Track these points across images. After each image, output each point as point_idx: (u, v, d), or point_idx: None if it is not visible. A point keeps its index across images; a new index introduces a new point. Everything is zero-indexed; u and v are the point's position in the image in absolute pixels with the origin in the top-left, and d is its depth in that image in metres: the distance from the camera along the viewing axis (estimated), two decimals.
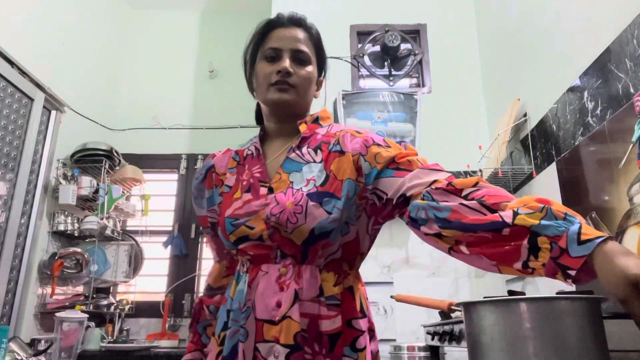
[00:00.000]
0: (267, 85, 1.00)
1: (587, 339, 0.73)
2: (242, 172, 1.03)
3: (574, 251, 0.68)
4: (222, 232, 0.99)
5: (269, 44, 1.02)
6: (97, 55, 3.40)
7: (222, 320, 0.98)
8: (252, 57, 1.07)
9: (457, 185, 0.83)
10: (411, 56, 3.02)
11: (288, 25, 1.04)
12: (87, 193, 2.83)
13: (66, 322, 2.03)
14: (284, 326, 0.87)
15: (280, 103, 1.00)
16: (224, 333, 0.95)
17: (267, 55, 1.02)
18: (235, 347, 0.91)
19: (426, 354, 1.85)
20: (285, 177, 0.98)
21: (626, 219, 1.48)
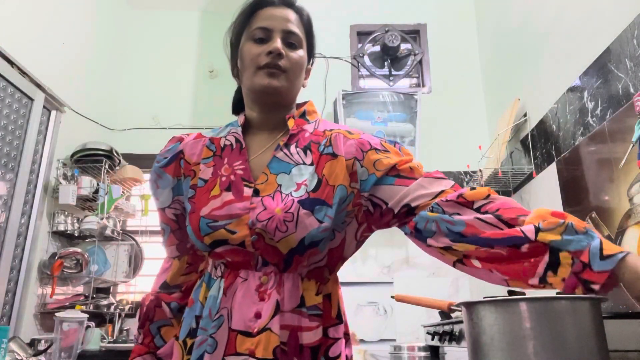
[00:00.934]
0: (255, 69, 0.89)
1: (587, 339, 0.73)
2: (220, 165, 0.92)
3: (598, 265, 0.68)
4: (195, 232, 0.87)
5: (258, 24, 0.91)
6: (97, 55, 3.40)
7: (188, 324, 0.89)
8: (236, 38, 0.96)
9: (469, 198, 0.81)
10: (411, 56, 3.02)
11: (278, 4, 0.94)
12: (87, 193, 2.83)
13: (66, 322, 2.03)
14: (262, 339, 0.80)
15: (269, 89, 0.89)
16: (191, 340, 0.86)
17: (255, 36, 0.91)
18: (201, 358, 0.82)
19: (426, 354, 1.85)
20: (273, 179, 0.89)
21: (626, 219, 1.48)
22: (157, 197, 0.97)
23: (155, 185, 0.97)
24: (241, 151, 0.93)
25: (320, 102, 2.84)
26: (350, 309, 2.49)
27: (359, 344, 2.45)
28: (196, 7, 3.96)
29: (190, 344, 0.87)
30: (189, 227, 0.88)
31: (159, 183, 0.96)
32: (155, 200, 0.98)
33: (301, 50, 0.94)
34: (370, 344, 2.44)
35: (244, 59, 0.92)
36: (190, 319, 0.89)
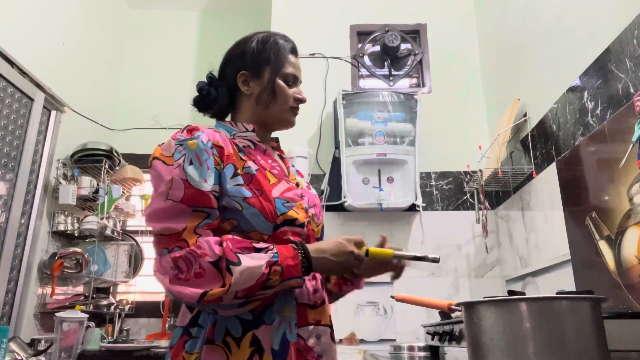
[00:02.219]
0: (287, 107, 1.10)
1: (587, 339, 0.73)
2: (256, 160, 1.03)
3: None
4: (269, 212, 0.95)
5: (290, 70, 1.10)
6: (97, 55, 3.39)
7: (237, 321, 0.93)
8: (260, 66, 1.09)
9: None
10: (411, 56, 3.02)
11: (298, 56, 1.15)
12: (87, 193, 2.83)
13: (66, 322, 2.03)
14: (322, 310, 1.02)
15: (291, 126, 1.12)
16: (252, 332, 0.92)
17: (288, 80, 1.10)
18: (285, 337, 0.93)
19: (426, 354, 1.85)
20: (297, 179, 1.12)
21: (626, 219, 1.48)
22: (206, 178, 0.93)
23: (206, 166, 0.94)
24: (265, 152, 1.09)
25: (320, 102, 2.84)
26: (350, 309, 2.49)
27: (359, 344, 2.45)
28: (196, 7, 3.96)
29: (250, 337, 0.92)
30: (256, 208, 0.95)
31: (209, 163, 0.95)
32: (202, 182, 0.92)
33: None
34: (370, 344, 2.44)
35: (277, 94, 1.09)
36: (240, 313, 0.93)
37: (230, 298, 0.85)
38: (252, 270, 0.86)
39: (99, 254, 2.93)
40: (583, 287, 1.75)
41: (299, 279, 0.91)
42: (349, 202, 2.52)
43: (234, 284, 0.84)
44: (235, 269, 0.85)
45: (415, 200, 2.55)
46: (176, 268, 0.86)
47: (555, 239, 1.97)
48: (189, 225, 0.89)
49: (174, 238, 0.88)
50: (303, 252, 0.92)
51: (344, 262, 0.95)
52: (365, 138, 2.64)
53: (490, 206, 2.65)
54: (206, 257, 0.86)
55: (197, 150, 0.95)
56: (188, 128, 1.00)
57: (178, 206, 0.90)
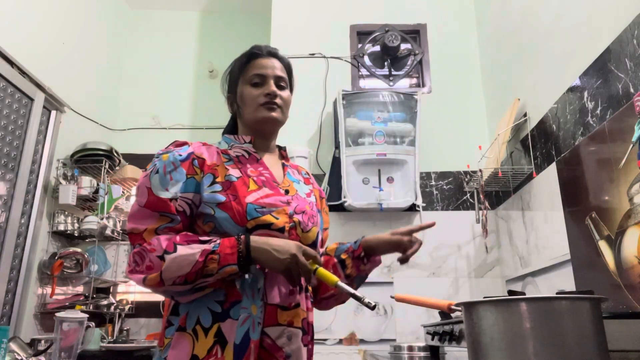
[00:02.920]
0: (257, 106, 1.14)
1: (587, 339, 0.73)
2: (244, 168, 1.11)
3: (355, 245, 1.20)
4: (239, 216, 1.02)
5: (253, 71, 1.16)
6: (97, 55, 3.40)
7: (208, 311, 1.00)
8: (234, 82, 1.20)
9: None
10: (411, 56, 3.02)
11: (267, 56, 1.19)
12: (87, 193, 2.83)
13: (66, 322, 2.03)
14: (296, 312, 1.05)
15: (269, 120, 1.15)
16: (217, 325, 0.98)
17: (252, 81, 1.15)
18: (247, 334, 0.97)
19: (426, 354, 1.85)
20: (292, 185, 1.16)
21: (626, 219, 1.49)
22: (167, 187, 1.03)
23: (169, 177, 1.04)
24: (258, 161, 1.15)
25: (320, 102, 2.84)
26: (350, 309, 2.49)
27: (359, 344, 2.45)
28: (196, 7, 3.96)
29: (216, 329, 0.98)
30: (227, 213, 1.02)
31: (173, 175, 1.05)
32: (162, 190, 1.02)
33: (288, 90, 1.20)
34: (370, 344, 2.44)
35: (245, 99, 1.16)
36: (212, 304, 1.00)
37: (170, 283, 0.95)
38: (184, 258, 0.95)
39: (99, 254, 2.93)
40: (583, 287, 1.75)
41: (234, 265, 0.96)
42: (349, 202, 2.52)
43: (165, 270, 0.94)
44: (168, 256, 0.95)
45: (415, 200, 2.55)
46: (134, 262, 0.99)
47: (555, 239, 1.97)
48: (149, 227, 1.01)
49: (138, 237, 1.00)
50: (243, 242, 0.97)
51: (284, 260, 0.97)
52: (365, 138, 2.64)
53: (490, 206, 2.65)
54: (154, 252, 0.97)
55: (165, 162, 1.05)
56: (175, 143, 1.12)
57: (141, 210, 1.02)
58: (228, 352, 0.96)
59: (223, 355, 0.96)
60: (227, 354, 0.96)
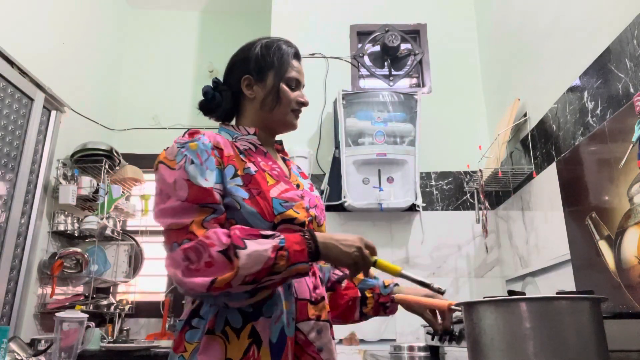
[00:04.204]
0: (289, 110, 1.13)
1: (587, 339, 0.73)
2: (257, 162, 1.07)
3: (384, 291, 1.24)
4: (266, 211, 0.98)
5: (293, 74, 1.14)
6: (97, 55, 3.39)
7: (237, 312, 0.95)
8: (263, 70, 1.13)
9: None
10: (411, 56, 3.02)
11: (300, 60, 1.19)
12: (87, 193, 2.83)
13: (66, 322, 2.03)
14: (322, 306, 1.05)
15: (293, 128, 1.16)
16: (251, 324, 0.94)
17: (291, 84, 1.13)
18: (283, 331, 0.95)
19: (426, 354, 1.85)
20: (298, 179, 1.15)
21: (626, 219, 1.49)
22: (206, 177, 0.96)
23: (205, 167, 0.98)
24: (266, 155, 1.12)
25: (320, 102, 2.84)
26: None
27: (359, 344, 2.45)
28: (196, 7, 3.96)
29: (249, 329, 0.94)
30: (255, 208, 0.98)
31: (208, 164, 0.99)
32: (203, 180, 0.96)
33: None
34: (370, 344, 2.44)
35: (281, 98, 1.12)
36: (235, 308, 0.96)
37: (239, 283, 0.87)
38: (259, 254, 0.87)
39: (99, 254, 2.93)
40: (583, 287, 1.75)
41: (305, 264, 0.91)
42: (349, 202, 2.52)
43: (242, 267, 0.86)
44: (242, 252, 0.87)
45: (415, 200, 2.55)
46: (187, 259, 0.89)
47: (555, 239, 1.97)
48: (196, 219, 0.92)
49: (183, 231, 0.91)
50: (310, 238, 0.94)
51: (352, 254, 0.95)
52: (365, 138, 2.64)
53: (490, 206, 2.65)
54: (215, 247, 0.88)
55: (197, 150, 0.99)
56: (190, 132, 1.05)
57: (184, 205, 0.93)
58: (265, 352, 0.93)
59: (259, 355, 0.93)
60: (264, 353, 0.93)
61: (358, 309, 1.20)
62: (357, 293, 1.21)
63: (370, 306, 1.21)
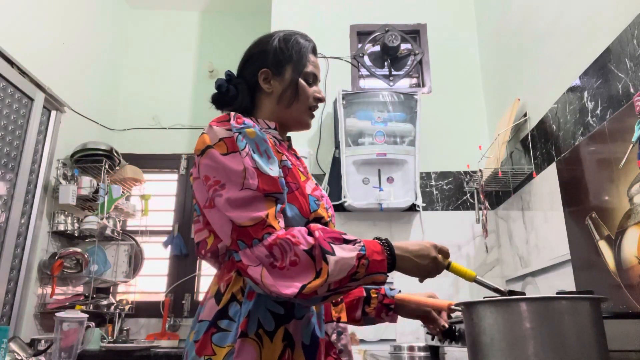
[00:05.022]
0: (307, 107, 1.10)
1: (587, 339, 0.73)
2: (288, 156, 1.04)
3: (389, 293, 1.22)
4: (305, 208, 0.96)
5: (311, 69, 1.11)
6: (97, 55, 3.39)
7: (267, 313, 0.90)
8: (281, 63, 1.09)
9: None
10: (411, 56, 3.02)
11: (317, 54, 1.17)
12: (87, 193, 2.83)
13: (66, 322, 2.03)
14: (341, 307, 1.04)
15: (307, 126, 1.13)
16: (283, 327, 0.90)
17: (308, 78, 1.11)
18: (314, 333, 0.93)
19: (426, 354, 1.85)
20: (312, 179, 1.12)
21: (626, 219, 1.48)
22: (271, 165, 0.93)
23: (267, 156, 0.94)
24: (288, 150, 1.10)
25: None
26: None
27: (359, 344, 2.45)
28: (196, 7, 3.96)
29: (282, 332, 0.90)
30: (294, 204, 0.95)
31: (270, 152, 0.95)
32: (269, 169, 0.92)
33: None
34: (370, 344, 2.44)
35: (299, 93, 1.09)
36: (272, 305, 0.91)
37: (325, 290, 0.84)
38: (345, 262, 0.84)
39: (99, 254, 2.93)
40: (583, 287, 1.75)
41: (383, 274, 0.88)
42: (349, 202, 2.52)
43: (331, 274, 0.83)
44: (331, 258, 0.84)
45: (415, 200, 2.55)
46: (271, 256, 0.84)
47: (555, 239, 1.97)
48: (270, 212, 0.88)
49: (260, 226, 0.86)
50: (388, 248, 0.91)
51: (426, 266, 0.93)
52: (365, 138, 2.64)
53: (490, 206, 2.65)
54: (300, 245, 0.84)
55: (256, 139, 0.94)
56: (236, 115, 0.98)
57: (255, 194, 0.88)
58: (298, 354, 0.90)
59: (293, 357, 0.89)
60: (298, 355, 0.90)
61: (361, 307, 1.19)
62: (363, 292, 1.19)
63: (373, 306, 1.19)
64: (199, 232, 0.99)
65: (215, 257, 0.98)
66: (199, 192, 0.96)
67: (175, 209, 3.46)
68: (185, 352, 0.93)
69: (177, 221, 3.41)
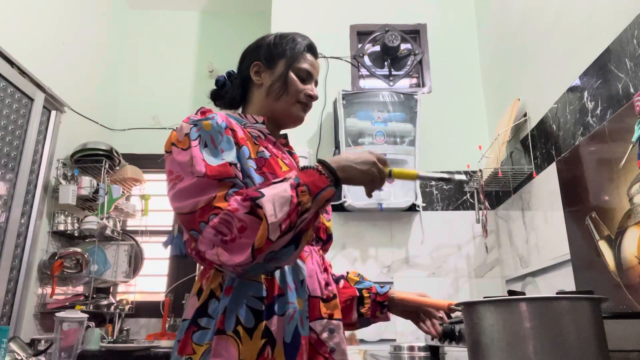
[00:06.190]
0: (295, 101, 1.09)
1: (587, 339, 0.73)
2: (269, 147, 1.04)
3: (381, 291, 1.21)
4: None
5: (305, 66, 1.11)
6: (97, 55, 3.39)
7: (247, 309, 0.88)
8: (273, 57, 1.10)
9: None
10: (411, 56, 3.02)
11: (316, 56, 1.18)
12: (87, 193, 2.83)
13: (66, 322, 2.03)
14: (334, 304, 1.02)
15: (299, 120, 1.11)
16: (264, 323, 0.88)
17: (301, 74, 1.10)
18: (297, 331, 0.90)
19: (426, 354, 1.85)
20: None
21: (626, 219, 1.49)
22: (223, 157, 0.91)
23: (220, 149, 0.92)
24: (274, 144, 1.09)
25: (320, 102, 2.84)
26: None
27: (359, 344, 2.45)
28: (196, 7, 3.96)
29: (262, 328, 0.88)
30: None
31: (223, 145, 0.93)
32: (218, 159, 0.90)
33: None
34: (370, 344, 2.44)
35: (288, 86, 1.08)
36: (252, 301, 0.89)
37: (277, 235, 0.80)
38: (279, 196, 0.82)
39: (99, 254, 2.93)
40: (583, 287, 1.75)
41: (329, 188, 0.86)
42: (349, 202, 2.52)
43: (269, 215, 0.80)
44: (262, 200, 0.81)
45: (415, 200, 2.55)
46: (219, 233, 0.82)
47: (555, 239, 1.97)
48: (219, 194, 0.86)
49: (207, 209, 0.84)
50: (323, 167, 0.89)
51: (368, 171, 0.90)
52: (365, 138, 2.64)
53: (490, 206, 2.65)
54: (239, 210, 0.82)
55: (211, 132, 0.93)
56: (202, 110, 1.00)
57: (203, 180, 0.87)
58: (279, 352, 0.88)
59: (274, 356, 0.87)
60: (278, 354, 0.88)
61: (355, 309, 1.18)
62: (355, 292, 1.19)
63: (367, 306, 1.19)
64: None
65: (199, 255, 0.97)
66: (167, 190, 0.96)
67: None
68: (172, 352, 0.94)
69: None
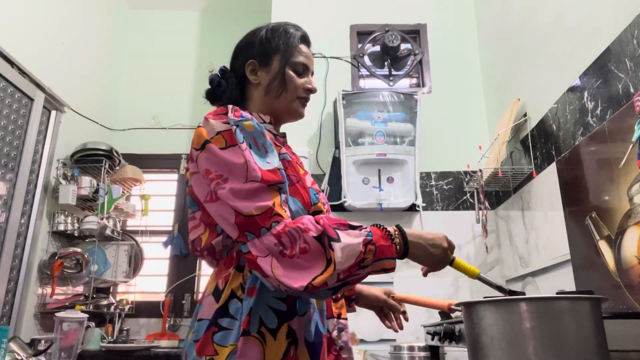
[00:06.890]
0: (295, 97, 1.07)
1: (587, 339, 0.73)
2: (286, 149, 1.06)
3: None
4: (306, 201, 0.96)
5: (300, 59, 1.07)
6: (97, 55, 3.39)
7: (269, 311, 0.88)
8: (267, 54, 1.07)
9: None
10: (411, 56, 3.02)
11: (309, 45, 1.12)
12: (87, 193, 2.83)
13: (66, 322, 2.03)
14: (342, 303, 1.03)
15: (299, 116, 1.09)
16: (287, 324, 0.88)
17: (297, 69, 1.07)
18: (318, 329, 0.91)
19: (426, 354, 1.85)
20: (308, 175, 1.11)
21: (626, 219, 1.48)
22: (269, 159, 0.92)
23: (264, 150, 0.92)
24: (284, 145, 1.08)
25: (320, 102, 2.84)
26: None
27: (359, 344, 2.45)
28: (196, 7, 3.96)
29: (286, 329, 0.88)
30: (296, 197, 0.95)
31: (267, 146, 0.93)
32: (265, 163, 0.90)
33: None
34: (370, 344, 2.44)
35: (287, 84, 1.06)
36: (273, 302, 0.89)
37: (335, 280, 0.81)
38: (351, 248, 0.81)
39: (99, 254, 2.93)
40: (583, 287, 1.75)
41: (392, 260, 0.86)
42: (349, 202, 2.52)
43: (338, 262, 0.80)
44: (336, 245, 0.81)
45: (415, 200, 2.55)
46: (280, 244, 0.82)
47: (555, 239, 1.97)
48: (276, 201, 0.86)
49: (267, 215, 0.84)
50: (399, 235, 0.88)
51: (437, 256, 0.91)
52: (365, 138, 2.64)
53: (490, 206, 2.65)
54: (310, 232, 0.82)
55: (254, 133, 0.93)
56: (234, 108, 0.97)
57: (259, 185, 0.86)
58: (302, 352, 0.88)
59: (297, 355, 0.87)
60: (302, 353, 0.88)
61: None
62: None
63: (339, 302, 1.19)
64: (194, 229, 0.97)
65: (212, 254, 0.96)
66: (199, 187, 0.93)
67: (175, 209, 3.46)
68: (184, 352, 0.91)
69: (177, 221, 3.41)
